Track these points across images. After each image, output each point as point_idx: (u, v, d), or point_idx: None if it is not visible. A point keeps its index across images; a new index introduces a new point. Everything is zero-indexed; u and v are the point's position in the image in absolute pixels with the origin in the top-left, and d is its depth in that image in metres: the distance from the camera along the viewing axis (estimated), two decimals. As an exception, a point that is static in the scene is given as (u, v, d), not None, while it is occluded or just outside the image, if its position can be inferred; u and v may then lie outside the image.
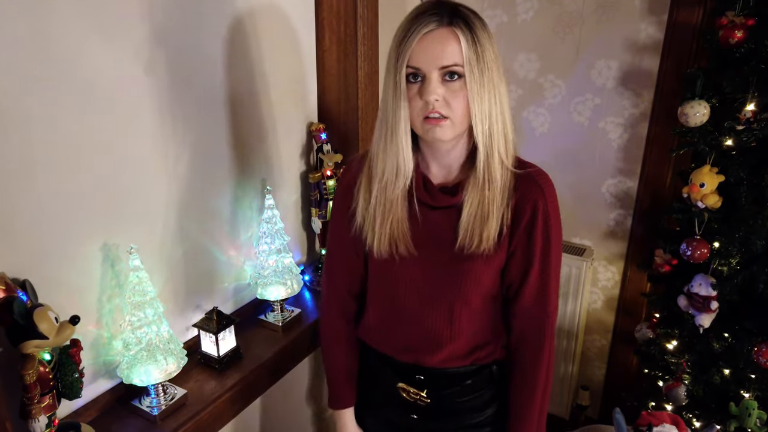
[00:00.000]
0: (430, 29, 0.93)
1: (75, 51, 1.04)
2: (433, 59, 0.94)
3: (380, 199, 1.06)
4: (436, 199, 1.06)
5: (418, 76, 0.96)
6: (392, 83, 0.97)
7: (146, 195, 1.23)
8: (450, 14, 0.94)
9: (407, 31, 0.95)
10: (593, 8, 2.07)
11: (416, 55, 0.94)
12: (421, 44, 0.94)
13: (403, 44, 0.94)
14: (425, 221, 1.06)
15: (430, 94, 0.94)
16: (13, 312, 0.95)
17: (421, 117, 0.97)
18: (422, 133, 1.00)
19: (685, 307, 1.85)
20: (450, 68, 0.94)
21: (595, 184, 2.28)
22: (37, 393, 1.00)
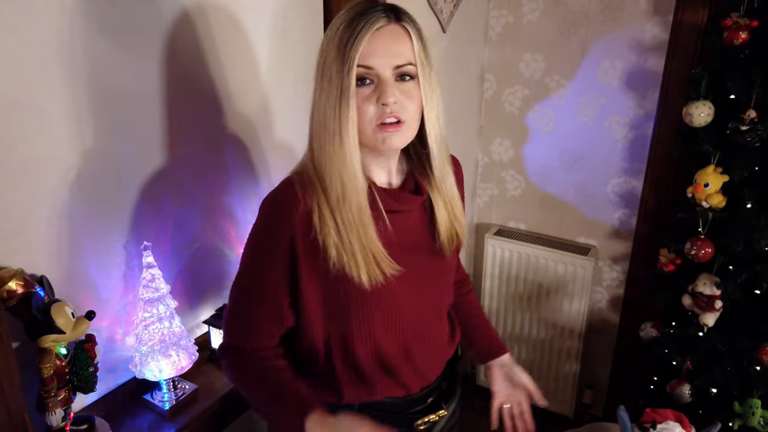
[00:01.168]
0: (381, 25, 0.86)
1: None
2: (389, 57, 0.87)
3: (351, 222, 0.92)
4: (404, 203, 1.00)
5: (367, 79, 0.88)
6: (336, 88, 0.87)
7: (157, 193, 1.26)
8: (394, 11, 0.89)
9: (353, 28, 0.85)
10: (599, 9, 2.09)
11: (369, 54, 0.86)
12: (374, 42, 0.86)
13: (350, 43, 0.85)
14: (395, 230, 0.97)
15: (389, 96, 0.87)
16: (31, 307, 0.97)
17: (374, 123, 0.89)
18: (374, 141, 0.90)
19: (690, 306, 1.87)
20: (403, 68, 0.88)
21: (600, 184, 2.29)
22: (54, 386, 1.02)
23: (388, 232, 0.96)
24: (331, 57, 0.88)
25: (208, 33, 1.28)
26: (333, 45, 0.88)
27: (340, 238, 0.92)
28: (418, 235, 1.03)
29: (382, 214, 0.96)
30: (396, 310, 1.01)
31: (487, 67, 2.40)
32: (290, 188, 0.95)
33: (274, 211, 0.95)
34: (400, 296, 1.00)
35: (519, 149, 2.44)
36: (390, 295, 0.98)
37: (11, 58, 0.95)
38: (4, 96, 0.95)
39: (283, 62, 1.50)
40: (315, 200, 0.93)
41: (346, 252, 0.92)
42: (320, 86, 0.90)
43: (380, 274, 0.94)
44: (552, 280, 2.37)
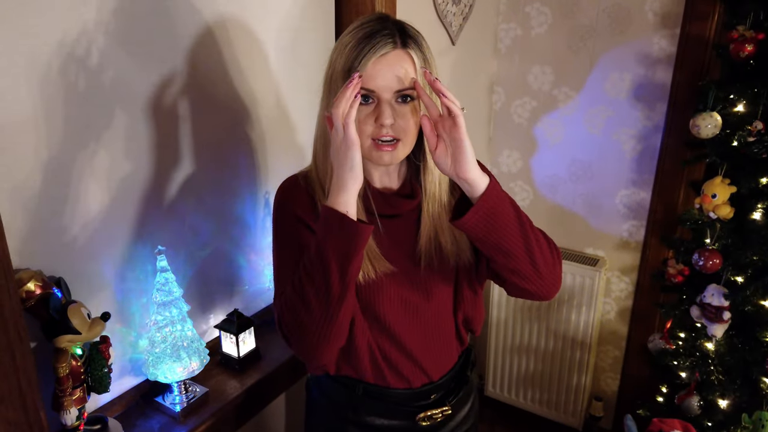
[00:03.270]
0: (385, 52, 0.91)
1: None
2: (389, 83, 0.92)
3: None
4: (396, 206, 1.05)
5: (369, 98, 0.93)
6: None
7: (172, 198, 1.29)
8: (401, 34, 0.93)
9: (360, 50, 0.91)
10: (606, 22, 2.11)
11: (371, 79, 0.91)
12: (376, 67, 0.91)
13: (355, 67, 0.91)
14: (387, 232, 1.04)
15: (386, 118, 0.92)
16: (48, 307, 1.00)
17: (369, 140, 0.94)
18: (369, 155, 0.96)
19: (698, 317, 1.86)
20: (405, 92, 0.93)
21: (608, 195, 2.30)
22: (69, 386, 1.05)
23: (380, 234, 1.03)
24: (337, 72, 0.95)
25: (228, 45, 1.32)
26: (340, 61, 0.94)
27: None
28: (407, 242, 1.07)
29: (374, 216, 1.03)
30: (387, 306, 1.05)
31: (496, 79, 2.43)
32: (294, 179, 1.07)
33: (282, 198, 1.06)
34: (392, 294, 1.05)
35: (527, 160, 2.46)
36: (381, 291, 1.04)
37: (35, 67, 0.99)
38: (22, 99, 0.99)
39: (296, 73, 1.54)
40: (317, 196, 1.03)
41: None
42: (327, 94, 0.98)
43: (372, 270, 1.01)
44: (560, 291, 2.37)
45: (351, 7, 1.62)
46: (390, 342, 1.08)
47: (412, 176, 1.08)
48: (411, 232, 1.07)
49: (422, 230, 1.06)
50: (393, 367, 1.10)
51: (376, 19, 0.95)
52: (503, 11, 2.32)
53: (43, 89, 1.01)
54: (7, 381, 0.92)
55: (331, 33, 1.63)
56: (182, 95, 1.26)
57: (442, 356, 1.15)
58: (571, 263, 2.32)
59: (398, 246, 1.06)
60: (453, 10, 1.99)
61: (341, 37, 0.97)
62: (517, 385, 2.61)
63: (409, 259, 1.07)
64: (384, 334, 1.07)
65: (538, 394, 2.57)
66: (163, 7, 1.17)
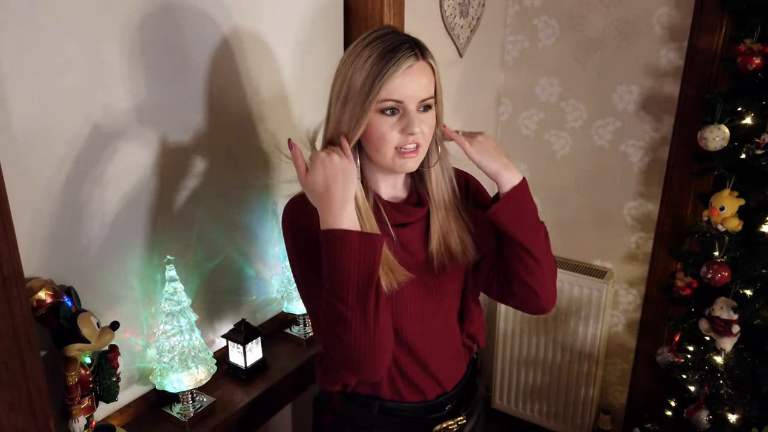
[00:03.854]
0: (411, 64, 0.94)
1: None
2: (416, 93, 0.95)
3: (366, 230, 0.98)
4: (408, 215, 1.07)
5: (396, 110, 0.96)
6: (356, 116, 0.95)
7: (181, 208, 1.30)
8: (418, 47, 0.96)
9: (385, 64, 0.93)
10: (614, 34, 2.12)
11: (400, 90, 0.94)
12: (405, 79, 0.94)
13: (379, 79, 0.93)
14: (400, 240, 1.05)
15: (415, 127, 0.95)
16: (59, 316, 1.01)
17: (393, 150, 0.97)
18: (392, 164, 0.99)
19: (707, 330, 1.85)
20: (427, 101, 0.97)
21: (615, 207, 2.30)
22: (78, 394, 1.05)
23: (394, 244, 1.04)
24: (359, 84, 0.94)
25: (241, 56, 1.34)
26: (361, 73, 0.94)
27: None
28: (419, 248, 1.08)
29: (387, 226, 1.03)
30: (406, 316, 1.05)
31: (503, 91, 2.44)
32: (300, 197, 1.03)
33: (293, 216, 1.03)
34: (409, 303, 1.05)
35: (534, 172, 2.46)
36: (402, 302, 1.04)
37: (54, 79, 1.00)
38: (39, 114, 1.00)
39: (306, 85, 1.55)
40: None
41: None
42: (343, 108, 0.97)
43: (393, 280, 1.00)
44: (568, 304, 2.37)
45: (359, 20, 1.63)
46: (406, 354, 1.08)
47: (416, 184, 1.10)
48: (421, 238, 1.08)
49: (432, 234, 1.07)
50: (409, 381, 1.10)
51: (390, 33, 0.97)
52: (511, 24, 2.34)
53: (56, 99, 1.02)
54: (17, 389, 0.93)
55: (340, 45, 1.65)
56: (193, 106, 1.27)
57: (454, 365, 1.16)
58: (579, 275, 2.32)
59: (410, 253, 1.07)
60: (461, 23, 2.01)
61: (353, 52, 0.96)
62: (524, 397, 2.59)
63: (422, 266, 1.08)
64: (400, 346, 1.06)
65: (545, 406, 2.55)
66: (175, 19, 1.19)
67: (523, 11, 2.30)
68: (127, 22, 1.10)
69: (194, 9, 1.22)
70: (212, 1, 1.25)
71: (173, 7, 1.18)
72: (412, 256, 1.06)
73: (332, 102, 1.00)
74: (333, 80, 1.01)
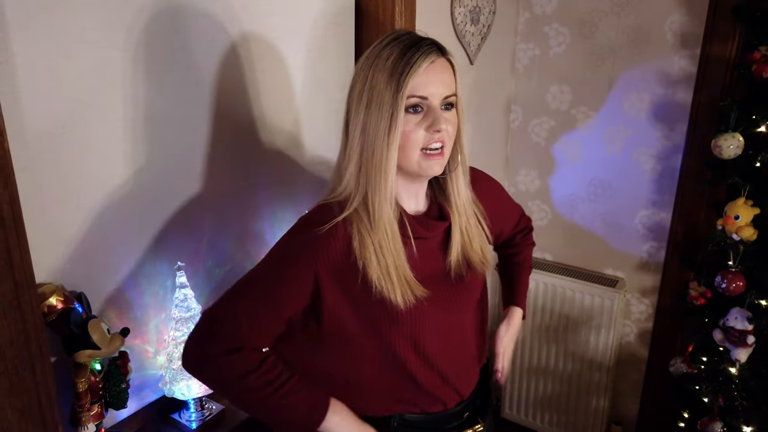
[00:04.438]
0: (434, 59, 0.93)
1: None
2: (440, 90, 0.93)
3: (387, 247, 0.96)
4: (430, 229, 1.04)
5: (419, 107, 0.93)
6: (387, 113, 0.91)
7: (191, 214, 1.30)
8: (439, 45, 0.95)
9: (409, 59, 0.91)
10: (625, 42, 2.11)
11: (424, 85, 0.92)
12: (429, 74, 0.92)
13: (405, 74, 0.90)
14: (419, 255, 1.01)
15: (441, 123, 0.93)
16: (69, 322, 1.01)
17: (419, 151, 0.94)
18: (416, 166, 0.96)
19: (721, 341, 1.83)
20: (449, 98, 0.95)
21: (627, 215, 2.28)
22: (88, 401, 1.05)
23: (414, 257, 1.00)
24: (383, 83, 0.92)
25: (250, 63, 1.34)
26: (384, 72, 0.92)
27: (378, 262, 0.96)
28: (437, 259, 1.07)
29: (410, 240, 1.00)
30: (426, 329, 1.03)
31: (514, 98, 2.43)
32: (329, 214, 0.97)
33: (313, 236, 0.95)
34: (428, 317, 1.03)
35: (545, 180, 2.45)
36: (421, 316, 1.01)
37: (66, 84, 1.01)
38: (52, 119, 1.00)
39: (316, 92, 1.55)
40: (356, 225, 0.96)
41: (383, 276, 0.96)
42: (367, 111, 0.93)
43: (412, 296, 0.98)
44: (579, 313, 2.34)
45: (371, 27, 1.63)
46: (426, 367, 1.05)
47: (436, 195, 1.08)
48: (439, 250, 1.07)
49: (452, 246, 1.06)
50: (428, 393, 1.07)
51: (407, 33, 0.96)
52: (521, 31, 2.33)
53: (67, 104, 1.02)
54: (27, 395, 0.92)
55: (351, 52, 1.65)
56: (202, 112, 1.27)
57: (470, 372, 1.15)
58: (590, 284, 2.30)
59: (429, 264, 1.05)
60: (471, 30, 2.00)
61: (371, 56, 0.95)
62: (534, 407, 2.57)
63: (440, 277, 1.06)
64: (419, 360, 1.04)
65: (555, 416, 2.53)
66: (185, 25, 1.19)
67: (534, 19, 2.29)
68: (139, 29, 1.11)
69: (205, 15, 1.22)
70: (222, 8, 1.26)
71: (183, 14, 1.18)
72: (430, 269, 1.04)
73: (352, 109, 0.96)
74: (350, 88, 0.98)
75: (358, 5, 1.63)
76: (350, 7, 1.61)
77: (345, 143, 0.99)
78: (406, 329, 1.01)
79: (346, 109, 0.99)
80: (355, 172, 0.97)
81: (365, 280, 0.96)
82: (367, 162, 0.95)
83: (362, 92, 0.94)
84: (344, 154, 0.99)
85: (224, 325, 0.96)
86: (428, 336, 1.03)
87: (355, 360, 1.03)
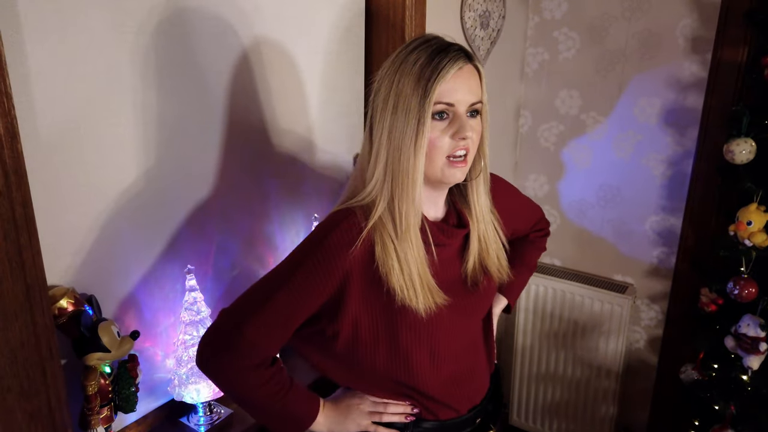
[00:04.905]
0: (461, 66, 0.91)
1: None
2: (467, 96, 0.92)
3: (414, 257, 0.95)
4: (451, 236, 1.03)
5: (445, 113, 0.92)
6: (414, 119, 0.90)
7: (202, 219, 1.30)
8: (466, 51, 0.93)
9: (437, 64, 0.89)
10: (636, 47, 2.10)
11: (451, 92, 0.90)
12: (457, 80, 0.90)
13: (432, 80, 0.89)
14: (439, 261, 1.00)
15: (467, 130, 0.91)
16: (80, 325, 1.01)
17: (444, 156, 0.93)
18: (440, 173, 0.94)
19: (733, 348, 1.81)
20: (475, 105, 0.94)
21: (637, 221, 2.26)
22: (97, 404, 1.04)
23: (435, 265, 0.99)
24: (410, 88, 0.90)
25: (261, 67, 1.34)
26: (411, 77, 0.90)
27: (402, 270, 0.94)
28: (455, 266, 1.06)
29: (431, 247, 0.99)
30: (445, 337, 1.03)
31: (523, 103, 2.42)
32: (353, 219, 0.95)
33: (336, 242, 0.94)
34: (447, 325, 1.03)
35: (554, 185, 2.43)
36: (441, 324, 1.01)
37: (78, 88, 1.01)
38: (64, 122, 1.01)
39: (329, 96, 1.55)
40: (378, 232, 0.94)
41: (407, 284, 0.94)
42: (394, 116, 0.91)
43: (434, 304, 0.97)
44: (588, 318, 2.33)
45: (381, 30, 1.63)
46: (440, 376, 1.05)
47: (455, 202, 1.07)
48: (456, 257, 1.06)
49: (470, 253, 1.05)
50: (442, 402, 1.07)
51: (435, 38, 0.94)
52: (531, 36, 2.33)
53: (80, 107, 1.02)
54: (37, 398, 0.92)
55: (361, 55, 1.64)
56: (213, 116, 1.27)
57: (482, 377, 1.15)
58: (599, 290, 2.28)
59: (448, 271, 1.04)
60: (481, 35, 2.00)
61: (397, 60, 0.93)
62: (543, 414, 2.55)
63: (457, 284, 1.06)
64: (434, 368, 1.04)
65: (564, 424, 2.51)
66: (197, 29, 1.19)
67: (543, 23, 2.28)
68: (150, 32, 1.11)
69: (215, 18, 1.23)
70: (233, 11, 1.26)
71: (194, 17, 1.18)
72: (449, 276, 1.04)
73: (377, 113, 0.95)
74: (375, 91, 0.96)
75: (369, 9, 1.63)
76: (360, 10, 1.61)
77: (369, 147, 0.97)
78: (424, 336, 1.00)
79: (370, 112, 0.98)
80: (381, 177, 0.95)
81: (387, 287, 0.95)
82: (393, 168, 0.93)
83: (388, 96, 0.92)
84: (368, 158, 0.97)
85: (242, 339, 0.95)
86: (444, 342, 1.03)
87: (361, 367, 1.03)
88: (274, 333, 0.97)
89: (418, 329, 0.99)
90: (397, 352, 1.00)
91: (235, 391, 1.00)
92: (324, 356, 1.06)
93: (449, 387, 1.07)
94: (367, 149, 0.98)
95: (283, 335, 0.99)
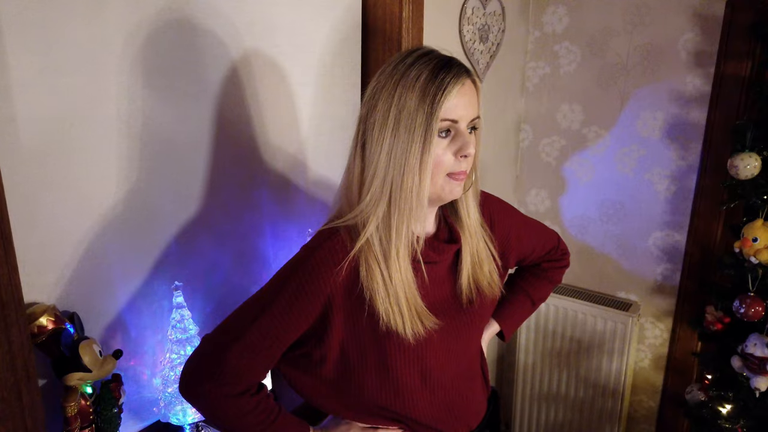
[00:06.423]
0: (464, 81, 0.89)
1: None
2: (469, 112, 0.90)
3: (398, 277, 0.91)
4: (441, 253, 0.99)
5: (449, 131, 0.89)
6: (420, 140, 0.86)
7: (191, 234, 1.27)
8: (465, 67, 0.91)
9: (441, 81, 0.86)
10: (638, 60, 2.08)
11: (456, 108, 0.88)
12: (460, 97, 0.88)
13: (438, 97, 0.86)
14: (430, 280, 0.97)
15: (471, 148, 0.89)
16: (60, 343, 0.97)
17: (445, 173, 0.90)
18: (440, 190, 0.91)
19: (740, 368, 1.76)
20: (475, 121, 0.92)
21: (641, 237, 2.22)
22: (77, 426, 1.01)
23: (425, 284, 0.96)
24: (413, 105, 0.86)
25: (251, 81, 1.32)
26: (414, 93, 0.86)
27: (387, 292, 0.91)
28: (447, 284, 1.03)
29: (420, 265, 0.96)
30: (437, 361, 0.99)
31: (524, 117, 2.40)
32: (337, 238, 0.92)
33: (320, 263, 0.91)
34: (439, 348, 0.99)
35: (556, 200, 2.40)
36: (431, 347, 0.97)
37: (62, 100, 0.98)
38: (48, 135, 0.98)
39: (322, 110, 1.53)
40: (364, 254, 0.91)
41: (392, 308, 0.91)
42: (395, 133, 0.87)
43: (422, 328, 0.93)
44: (591, 337, 2.28)
45: (378, 43, 1.61)
46: (433, 401, 1.02)
47: (446, 216, 1.04)
48: (448, 274, 1.03)
49: (463, 268, 1.01)
50: (435, 428, 1.04)
51: (432, 51, 0.91)
52: (531, 50, 2.31)
53: (62, 118, 1.00)
54: (12, 421, 0.89)
55: (357, 68, 1.62)
56: (203, 129, 1.25)
57: (478, 401, 1.11)
58: (602, 307, 2.23)
59: (439, 290, 1.01)
60: (480, 48, 1.98)
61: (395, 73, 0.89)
62: (545, 434, 2.49)
63: (449, 303, 1.02)
64: (426, 392, 1.00)
65: (567, 445, 2.45)
66: (188, 42, 1.17)
67: (543, 37, 2.27)
68: (138, 44, 1.09)
69: (207, 31, 1.21)
70: (225, 24, 1.24)
71: (185, 30, 1.16)
72: (440, 295, 1.01)
73: (374, 130, 0.89)
74: (370, 106, 0.91)
75: (365, 21, 1.61)
76: (357, 23, 1.59)
77: (361, 165, 0.92)
78: (414, 360, 0.96)
79: (361, 128, 0.92)
80: (376, 196, 0.90)
81: (371, 310, 0.91)
82: (393, 187, 0.89)
83: (388, 112, 0.88)
84: (360, 176, 0.92)
85: (225, 367, 0.92)
86: (436, 366, 0.99)
87: (351, 393, 1.00)
88: (259, 359, 0.93)
89: (407, 353, 0.95)
90: (387, 377, 0.96)
91: (220, 419, 0.96)
92: (312, 382, 1.01)
93: (443, 412, 1.03)
94: (359, 167, 0.92)
95: (268, 361, 0.95)
